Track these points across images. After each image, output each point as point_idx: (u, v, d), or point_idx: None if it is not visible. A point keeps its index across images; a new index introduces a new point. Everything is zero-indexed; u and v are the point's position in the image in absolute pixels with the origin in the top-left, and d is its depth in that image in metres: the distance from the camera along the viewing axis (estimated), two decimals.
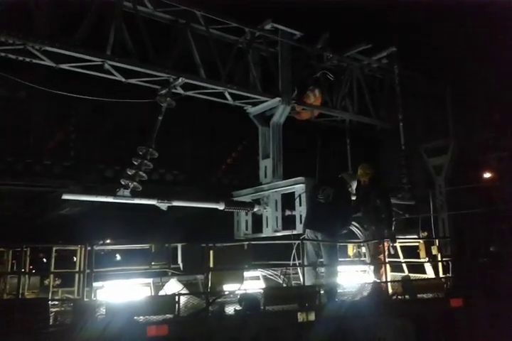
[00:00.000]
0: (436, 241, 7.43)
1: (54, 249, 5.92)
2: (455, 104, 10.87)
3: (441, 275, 7.10)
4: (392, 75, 9.63)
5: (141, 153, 6.81)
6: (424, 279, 7.20)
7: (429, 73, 10.74)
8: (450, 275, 7.19)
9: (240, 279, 5.90)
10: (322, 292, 5.93)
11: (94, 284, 5.10)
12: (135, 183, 6.69)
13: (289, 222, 7.55)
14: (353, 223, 7.06)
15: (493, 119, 12.11)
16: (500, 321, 7.40)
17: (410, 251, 7.60)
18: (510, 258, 9.90)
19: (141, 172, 6.74)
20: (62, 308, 5.34)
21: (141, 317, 4.71)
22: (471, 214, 9.80)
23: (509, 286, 8.46)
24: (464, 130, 10.88)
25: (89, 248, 4.93)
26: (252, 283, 6.67)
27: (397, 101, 9.46)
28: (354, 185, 6.93)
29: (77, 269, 5.67)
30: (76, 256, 5.76)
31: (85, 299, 4.83)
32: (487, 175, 11.51)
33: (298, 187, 7.47)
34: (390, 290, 6.54)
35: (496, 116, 12.20)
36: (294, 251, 6.41)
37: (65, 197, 6.44)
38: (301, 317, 5.45)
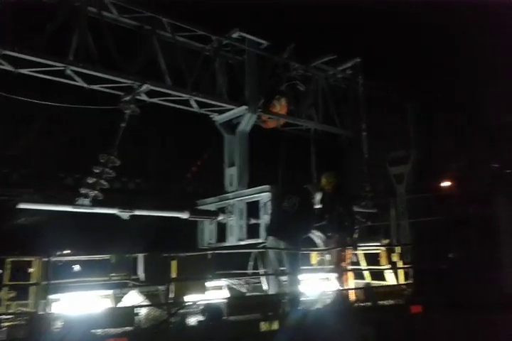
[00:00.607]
0: (397, 248, 7.57)
1: (9, 260, 5.69)
2: (417, 115, 11.21)
3: (401, 282, 7.24)
4: (357, 86, 9.83)
5: (102, 160, 6.67)
6: (385, 286, 7.32)
7: (392, 84, 11.02)
8: (410, 281, 7.34)
9: (203, 289, 5.85)
10: (285, 300, 5.95)
11: (51, 296, 4.94)
12: (96, 192, 6.54)
13: (253, 231, 7.55)
14: (313, 231, 7.14)
15: (452, 130, 12.56)
16: (459, 326, 7.63)
17: (372, 259, 7.72)
18: (468, 264, 10.25)
19: (102, 181, 6.60)
20: (17, 322, 5.14)
21: (99, 330, 4.59)
22: (430, 222, 10.11)
23: (467, 292, 8.74)
24: (425, 140, 11.24)
25: (46, 259, 4.78)
26: (216, 292, 6.61)
27: (360, 111, 9.65)
28: (318, 196, 7.03)
29: (32, 281, 5.47)
30: (32, 268, 5.56)
31: (41, 312, 4.67)
32: (446, 183, 11.91)
33: (263, 196, 7.49)
34: (353, 298, 6.64)
35: (455, 128, 12.66)
36: (251, 260, 6.42)
37: (22, 206, 6.22)
38: (264, 326, 5.44)
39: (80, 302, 5.29)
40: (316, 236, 7.31)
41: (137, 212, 6.97)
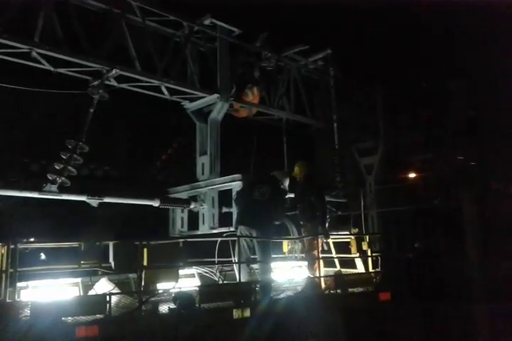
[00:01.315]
0: (367, 237, 7.70)
1: None
2: (386, 108, 11.39)
3: (370, 269, 7.39)
4: (328, 77, 9.89)
5: (70, 146, 6.46)
6: (355, 274, 7.45)
7: (362, 76, 11.16)
8: (379, 269, 7.50)
9: (175, 277, 5.77)
10: (257, 288, 5.96)
11: (18, 284, 4.78)
12: (63, 178, 6.33)
13: (225, 219, 7.53)
14: (287, 220, 7.18)
15: (419, 123, 12.85)
16: (425, 315, 7.85)
17: (342, 247, 7.83)
18: (433, 254, 10.57)
19: (70, 167, 6.39)
20: None
21: (69, 318, 4.47)
22: (397, 212, 10.34)
23: (432, 281, 8.99)
24: (393, 132, 11.45)
25: (12, 246, 4.61)
26: (187, 280, 6.56)
27: (331, 102, 9.73)
28: (286, 182, 7.05)
29: None
30: None
31: (8, 300, 4.51)
32: (412, 175, 12.23)
33: (235, 184, 7.47)
34: (323, 285, 6.72)
35: (422, 120, 12.96)
36: (216, 248, 6.42)
37: None
38: (236, 313, 5.44)
39: (48, 290, 5.13)
40: (289, 224, 7.37)
41: (107, 199, 6.81)
